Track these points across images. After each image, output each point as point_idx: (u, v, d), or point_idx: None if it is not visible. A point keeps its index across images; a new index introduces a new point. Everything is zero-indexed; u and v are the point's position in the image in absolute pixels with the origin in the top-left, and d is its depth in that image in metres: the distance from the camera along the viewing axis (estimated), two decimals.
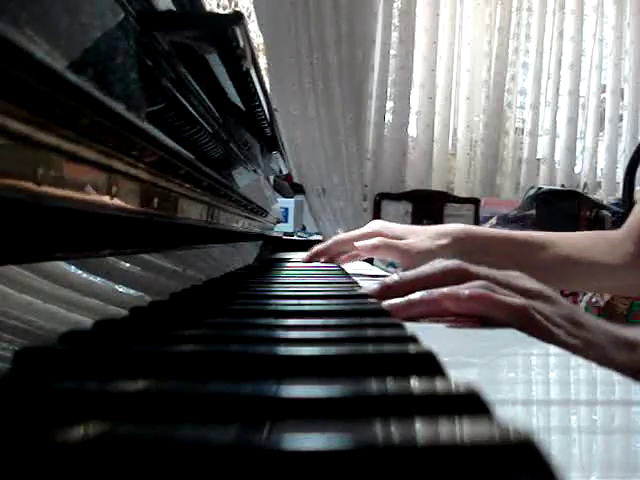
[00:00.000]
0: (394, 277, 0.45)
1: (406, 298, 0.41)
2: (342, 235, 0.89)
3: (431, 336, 0.30)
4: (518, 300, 0.38)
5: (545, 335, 0.36)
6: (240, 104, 0.60)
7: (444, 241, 0.80)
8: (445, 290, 0.39)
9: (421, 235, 0.81)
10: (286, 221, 1.81)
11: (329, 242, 0.89)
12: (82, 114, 0.27)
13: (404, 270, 0.68)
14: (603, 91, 3.25)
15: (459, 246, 0.79)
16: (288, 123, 2.83)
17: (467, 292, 0.38)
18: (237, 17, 0.41)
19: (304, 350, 0.23)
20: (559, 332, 0.38)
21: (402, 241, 0.81)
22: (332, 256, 0.89)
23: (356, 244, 0.82)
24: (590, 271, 0.79)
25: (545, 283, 0.42)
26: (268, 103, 0.67)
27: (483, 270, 0.43)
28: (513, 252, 0.80)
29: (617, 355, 0.39)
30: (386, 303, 0.41)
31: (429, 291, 0.40)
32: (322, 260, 0.89)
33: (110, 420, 0.14)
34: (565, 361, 0.30)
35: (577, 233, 0.84)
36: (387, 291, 0.44)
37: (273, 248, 1.30)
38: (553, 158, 3.22)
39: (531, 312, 0.38)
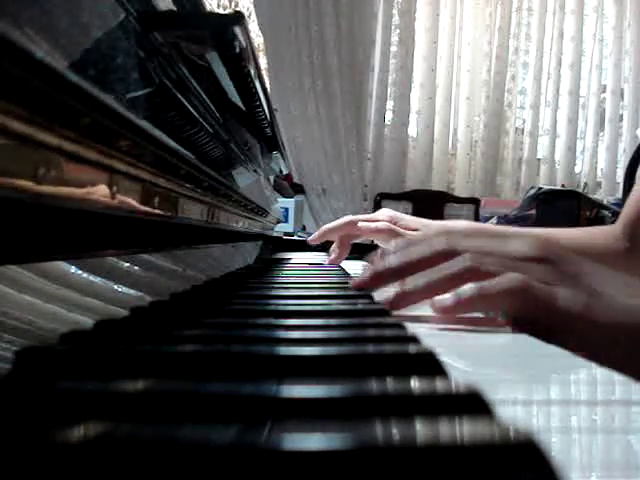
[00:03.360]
0: (382, 260, 0.44)
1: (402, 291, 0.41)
2: (353, 217, 0.86)
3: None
4: (508, 278, 0.37)
5: (546, 299, 0.36)
6: (240, 104, 0.60)
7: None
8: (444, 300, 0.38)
9: (429, 229, 0.80)
10: (286, 221, 1.81)
11: (339, 222, 0.87)
12: (82, 114, 0.27)
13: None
14: (603, 91, 3.25)
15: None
16: (288, 123, 2.83)
17: (453, 300, 0.38)
18: (237, 17, 0.41)
19: (305, 350, 0.23)
20: (562, 293, 0.36)
21: (410, 232, 0.79)
22: (342, 237, 0.87)
23: (360, 224, 0.81)
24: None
25: None
26: (268, 103, 0.67)
27: (468, 244, 0.42)
28: None
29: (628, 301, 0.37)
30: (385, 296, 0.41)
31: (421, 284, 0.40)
32: (329, 239, 0.88)
33: (111, 420, 0.14)
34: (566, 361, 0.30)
35: (576, 229, 0.84)
36: (377, 279, 0.44)
37: (273, 248, 1.30)
38: (553, 158, 3.22)
39: (529, 285, 0.36)
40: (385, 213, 0.84)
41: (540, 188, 2.66)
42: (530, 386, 0.25)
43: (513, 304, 0.36)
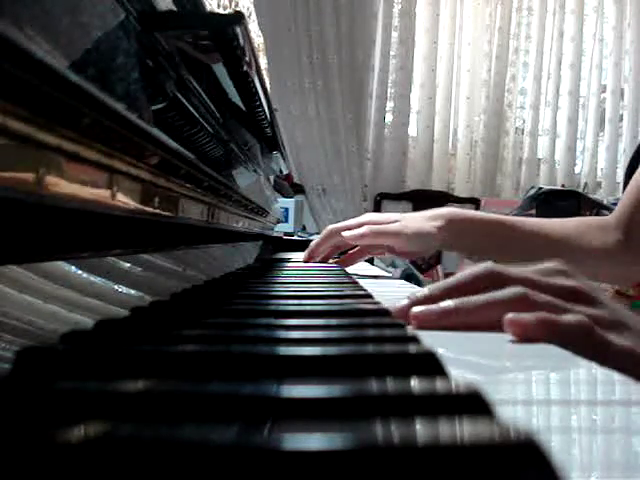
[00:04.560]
0: (423, 291, 0.40)
1: (441, 306, 0.37)
2: (334, 225, 0.86)
3: None
4: (577, 318, 0.34)
5: (603, 347, 0.34)
6: (240, 104, 0.60)
7: (438, 222, 0.78)
8: (510, 315, 0.34)
9: (414, 218, 0.80)
10: (286, 221, 1.81)
11: (322, 235, 0.87)
12: (83, 114, 0.27)
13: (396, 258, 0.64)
14: (603, 91, 3.25)
15: (454, 228, 0.78)
16: (288, 123, 2.83)
17: (532, 318, 0.33)
18: (238, 17, 0.41)
19: (305, 350, 0.23)
20: (613, 338, 0.34)
21: (392, 225, 0.79)
22: (329, 249, 0.87)
23: (343, 234, 0.80)
24: (582, 257, 0.78)
25: None
26: (268, 103, 0.67)
27: (515, 272, 0.39)
28: (507, 236, 0.79)
29: None
30: (418, 310, 0.37)
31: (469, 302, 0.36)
32: (319, 257, 0.87)
33: (111, 420, 0.14)
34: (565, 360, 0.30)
35: (570, 219, 0.83)
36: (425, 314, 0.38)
37: (273, 248, 1.30)
38: (553, 158, 3.22)
39: (593, 330, 0.34)
40: (365, 217, 0.83)
41: (540, 188, 2.66)
42: (530, 385, 0.26)
43: (577, 344, 0.34)
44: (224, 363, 0.21)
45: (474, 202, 3.03)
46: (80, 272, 0.33)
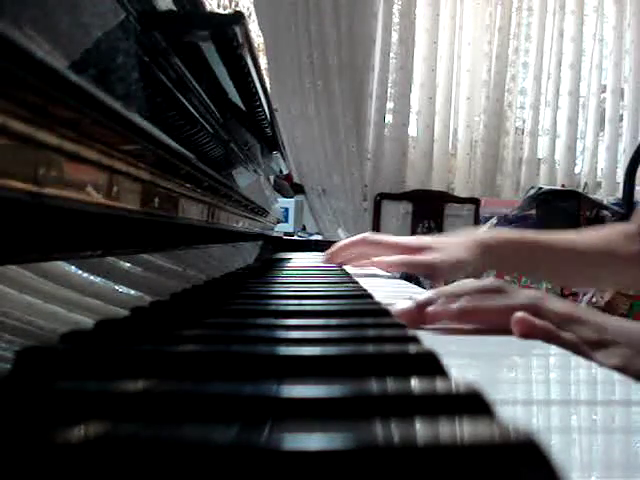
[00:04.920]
0: (428, 295, 0.41)
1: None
2: (369, 235, 0.86)
3: None
4: (573, 337, 0.37)
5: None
6: (240, 104, 0.60)
7: (475, 251, 0.77)
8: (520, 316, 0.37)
9: (447, 247, 0.79)
10: (286, 221, 1.81)
11: (353, 239, 0.87)
12: (83, 114, 0.27)
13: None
14: (603, 91, 3.25)
15: (492, 255, 0.78)
16: (288, 123, 2.83)
17: (540, 322, 0.37)
18: (238, 17, 0.41)
19: (305, 350, 0.23)
20: (599, 358, 0.36)
21: (427, 257, 0.78)
22: (353, 255, 0.88)
23: (376, 261, 0.81)
24: (610, 264, 0.79)
25: (571, 282, 0.41)
26: (268, 103, 0.67)
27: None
28: (545, 256, 0.80)
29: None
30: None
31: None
32: (340, 260, 0.88)
33: (111, 420, 0.14)
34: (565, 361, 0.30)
35: (597, 231, 0.84)
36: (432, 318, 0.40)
37: (273, 248, 1.30)
38: (553, 158, 3.22)
39: (584, 350, 0.36)
40: (399, 239, 0.84)
41: (540, 188, 2.66)
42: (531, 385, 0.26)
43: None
44: (224, 363, 0.21)
45: (474, 202, 3.03)
46: (80, 272, 0.33)
